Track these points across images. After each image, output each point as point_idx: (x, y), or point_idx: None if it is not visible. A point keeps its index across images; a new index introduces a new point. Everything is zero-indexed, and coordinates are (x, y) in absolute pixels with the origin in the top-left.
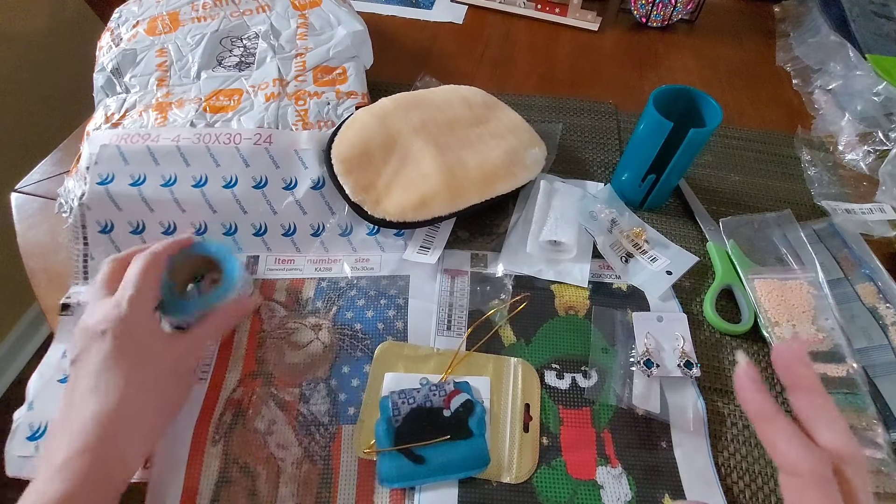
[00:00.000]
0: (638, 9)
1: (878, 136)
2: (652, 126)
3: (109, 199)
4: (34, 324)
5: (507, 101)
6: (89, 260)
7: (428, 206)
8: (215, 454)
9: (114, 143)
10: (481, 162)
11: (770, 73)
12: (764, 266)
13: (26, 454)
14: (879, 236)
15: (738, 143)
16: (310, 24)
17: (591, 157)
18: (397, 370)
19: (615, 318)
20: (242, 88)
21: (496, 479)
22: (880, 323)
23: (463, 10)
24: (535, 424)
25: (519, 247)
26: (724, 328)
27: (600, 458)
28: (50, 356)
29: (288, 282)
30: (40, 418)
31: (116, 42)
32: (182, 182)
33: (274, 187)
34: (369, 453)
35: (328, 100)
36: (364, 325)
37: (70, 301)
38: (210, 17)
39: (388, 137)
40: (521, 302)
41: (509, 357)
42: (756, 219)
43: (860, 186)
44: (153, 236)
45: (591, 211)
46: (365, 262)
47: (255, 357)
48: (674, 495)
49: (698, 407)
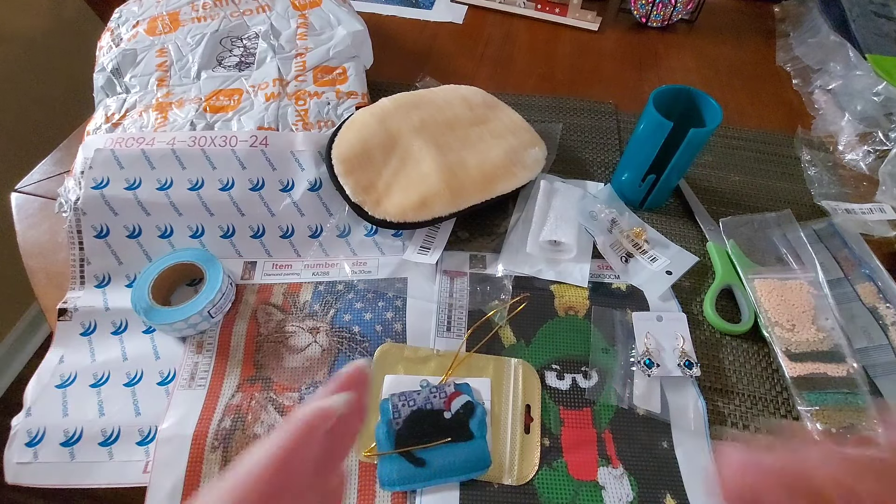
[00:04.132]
0: (638, 9)
1: (878, 136)
2: (652, 126)
3: (105, 203)
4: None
5: (507, 101)
6: (86, 265)
7: (428, 206)
8: (215, 460)
9: (108, 147)
10: (481, 162)
11: (770, 73)
12: (764, 266)
13: (25, 461)
14: (879, 236)
15: (738, 143)
16: (310, 24)
17: (591, 157)
18: (397, 372)
19: (615, 318)
20: (242, 88)
21: (497, 481)
22: (880, 323)
23: (463, 10)
24: (536, 425)
25: (519, 247)
26: (724, 328)
27: (601, 459)
28: (48, 361)
29: (285, 286)
30: (38, 424)
31: (116, 42)
32: (178, 185)
33: (271, 189)
34: (370, 456)
35: (328, 100)
36: (362, 328)
37: (67, 306)
38: (210, 17)
39: (389, 137)
40: (521, 302)
41: (510, 358)
42: (756, 219)
43: (860, 186)
44: (150, 240)
45: (591, 211)
46: (363, 265)
47: (254, 362)
48: (675, 495)
49: (699, 406)
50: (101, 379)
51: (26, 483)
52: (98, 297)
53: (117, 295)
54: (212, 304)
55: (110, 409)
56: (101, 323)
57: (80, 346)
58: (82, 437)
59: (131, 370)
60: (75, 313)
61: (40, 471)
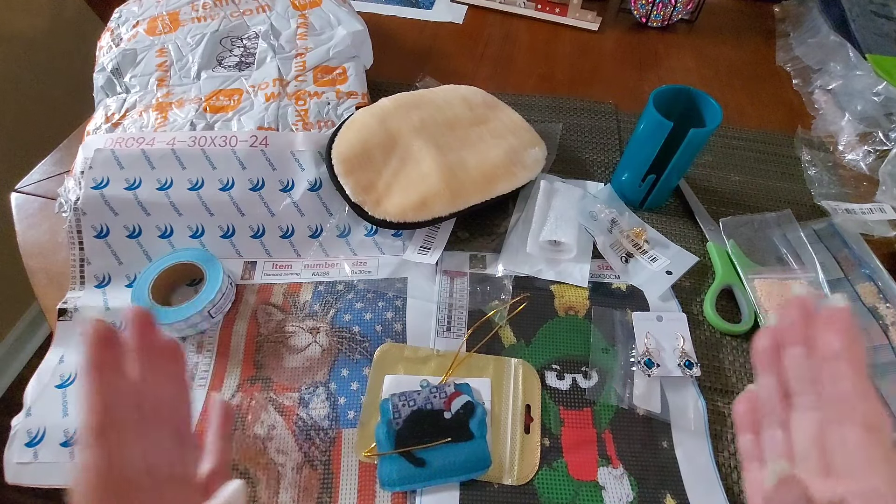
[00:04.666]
0: (638, 9)
1: (878, 136)
2: (652, 126)
3: (105, 203)
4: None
5: (507, 101)
6: (86, 265)
7: (428, 206)
8: None
9: (108, 147)
10: (481, 162)
11: (770, 73)
12: (764, 266)
13: (25, 461)
14: (879, 236)
15: (738, 143)
16: (310, 24)
17: (591, 157)
18: (397, 372)
19: (615, 318)
20: (242, 88)
21: (497, 481)
22: (880, 323)
23: (463, 10)
24: (536, 425)
25: (519, 247)
26: (724, 328)
27: (601, 459)
28: (48, 361)
29: (285, 286)
30: (38, 424)
31: (116, 42)
32: (178, 185)
33: (271, 189)
34: (370, 457)
35: (328, 100)
36: (362, 328)
37: (67, 306)
38: (210, 17)
39: (389, 137)
40: (521, 302)
41: (510, 358)
42: (756, 219)
43: (860, 186)
44: (150, 240)
45: (591, 211)
46: (363, 265)
47: (254, 362)
48: (675, 495)
49: (699, 406)
50: None
51: (26, 483)
52: (98, 297)
53: (117, 295)
54: (212, 304)
55: None
56: None
57: (80, 346)
58: None
59: None
60: (75, 313)
61: (40, 471)
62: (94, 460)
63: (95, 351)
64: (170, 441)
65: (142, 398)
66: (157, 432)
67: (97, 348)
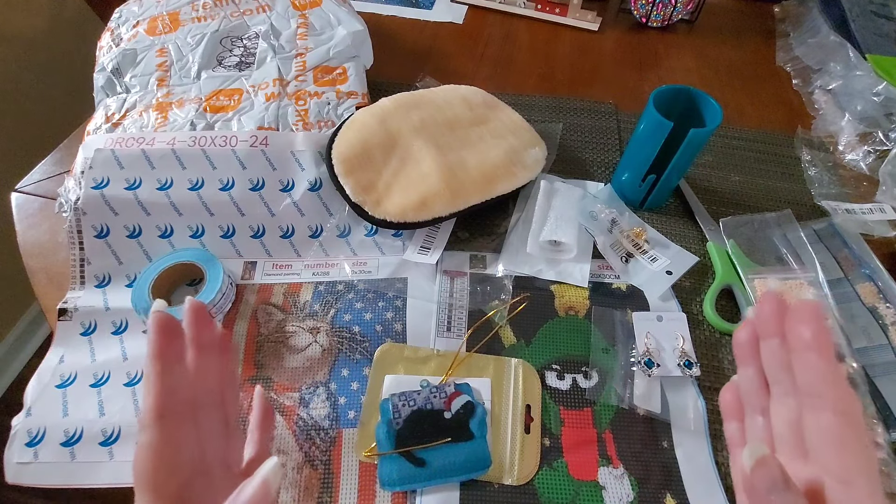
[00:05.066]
0: (638, 9)
1: (878, 136)
2: (652, 126)
3: (105, 203)
4: (34, 324)
5: (507, 101)
6: (86, 265)
7: (428, 206)
8: None
9: (108, 147)
10: (481, 162)
11: (770, 73)
12: (764, 266)
13: (25, 461)
14: (879, 236)
15: (738, 143)
16: (310, 24)
17: (591, 157)
18: (397, 372)
19: (615, 318)
20: (242, 88)
21: (498, 481)
22: (880, 323)
23: (463, 10)
24: (537, 425)
25: (519, 247)
26: (724, 328)
27: (602, 459)
28: (48, 361)
29: (285, 286)
30: (39, 424)
31: (116, 42)
32: (178, 185)
33: (271, 189)
34: (370, 457)
35: (328, 100)
36: (362, 328)
37: (67, 306)
38: (210, 17)
39: (389, 137)
40: (521, 302)
41: (510, 358)
42: (756, 219)
43: (860, 186)
44: (150, 240)
45: (592, 211)
46: (363, 265)
47: (254, 361)
48: (675, 495)
49: (699, 406)
50: (101, 379)
51: (26, 483)
52: (98, 296)
53: (117, 295)
54: (212, 304)
55: (110, 409)
56: (101, 323)
57: (81, 345)
58: (82, 437)
59: (131, 370)
60: (75, 313)
61: (40, 471)
62: (153, 441)
63: (159, 340)
64: (219, 429)
65: (197, 387)
66: (209, 420)
67: (160, 337)
